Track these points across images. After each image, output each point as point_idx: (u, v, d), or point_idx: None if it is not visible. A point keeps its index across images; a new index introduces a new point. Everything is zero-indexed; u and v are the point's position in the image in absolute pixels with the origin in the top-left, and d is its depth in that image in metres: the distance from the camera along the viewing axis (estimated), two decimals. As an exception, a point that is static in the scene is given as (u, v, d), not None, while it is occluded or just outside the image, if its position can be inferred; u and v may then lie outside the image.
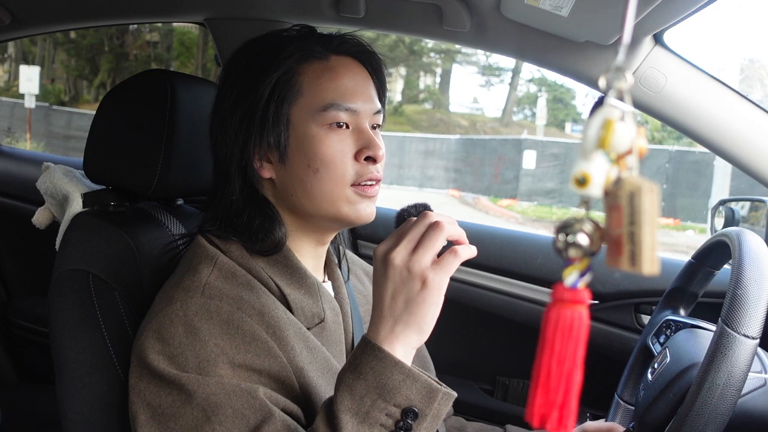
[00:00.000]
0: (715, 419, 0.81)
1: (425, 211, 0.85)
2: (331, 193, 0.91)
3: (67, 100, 18.42)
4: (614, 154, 0.37)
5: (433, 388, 0.77)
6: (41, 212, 1.22)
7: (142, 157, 1.07)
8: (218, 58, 1.64)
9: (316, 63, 0.93)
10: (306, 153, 0.91)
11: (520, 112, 21.84)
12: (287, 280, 0.93)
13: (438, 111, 21.24)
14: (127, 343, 0.96)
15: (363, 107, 0.93)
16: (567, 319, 0.40)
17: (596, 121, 0.37)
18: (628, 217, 0.36)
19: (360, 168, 0.92)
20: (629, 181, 0.37)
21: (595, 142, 0.37)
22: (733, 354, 0.82)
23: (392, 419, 0.76)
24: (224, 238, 0.94)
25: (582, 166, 0.38)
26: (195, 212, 1.24)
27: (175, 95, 1.06)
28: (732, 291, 0.87)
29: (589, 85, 1.26)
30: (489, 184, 14.76)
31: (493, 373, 1.79)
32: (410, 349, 0.79)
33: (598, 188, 0.38)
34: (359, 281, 1.17)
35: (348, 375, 0.78)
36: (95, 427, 0.97)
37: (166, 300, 0.87)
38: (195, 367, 0.80)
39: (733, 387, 0.81)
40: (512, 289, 1.74)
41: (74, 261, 1.02)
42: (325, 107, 0.91)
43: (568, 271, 0.40)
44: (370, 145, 0.92)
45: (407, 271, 0.78)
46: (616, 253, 0.37)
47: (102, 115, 1.11)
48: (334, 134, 0.91)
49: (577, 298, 0.40)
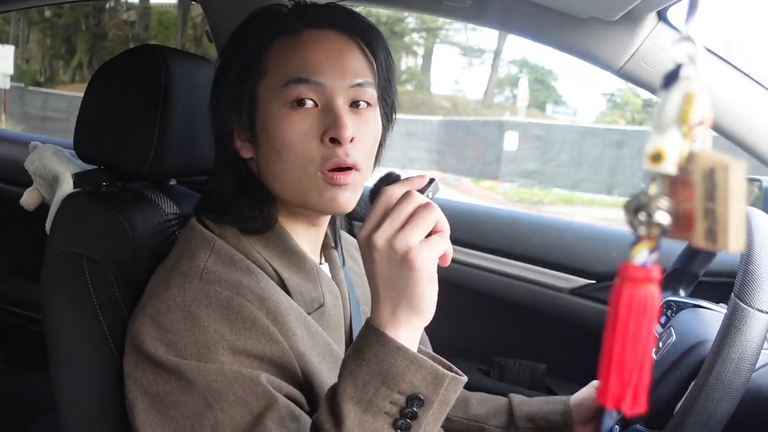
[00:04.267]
0: (730, 393, 0.81)
1: (409, 191, 0.75)
2: (296, 178, 0.86)
3: (42, 81, 18.07)
4: (687, 128, 0.36)
5: (440, 373, 0.74)
6: (30, 193, 1.18)
7: (136, 136, 1.04)
8: (209, 34, 1.60)
9: (287, 38, 0.88)
10: (269, 134, 0.86)
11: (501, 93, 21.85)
12: (285, 264, 0.91)
13: (420, 92, 21.18)
14: (124, 327, 0.93)
15: (332, 81, 0.85)
16: (641, 299, 0.38)
17: (676, 95, 0.36)
18: (705, 193, 0.35)
19: (326, 151, 0.84)
20: (706, 157, 0.35)
21: (675, 117, 0.36)
22: (747, 328, 0.82)
23: (397, 407, 0.73)
24: (219, 222, 0.91)
25: (656, 142, 0.36)
26: (189, 193, 1.21)
27: (169, 71, 1.03)
28: (744, 266, 0.87)
29: (593, 63, 1.24)
30: (471, 165, 14.78)
31: (489, 353, 1.79)
32: (414, 331, 0.76)
33: (672, 164, 0.37)
34: (355, 263, 1.16)
35: (351, 362, 0.75)
36: (91, 412, 0.95)
37: (162, 285, 0.85)
38: (194, 354, 0.78)
39: (748, 361, 0.81)
40: (508, 269, 1.73)
41: (67, 243, 0.98)
42: (286, 82, 0.85)
43: (638, 249, 0.39)
44: (334, 125, 0.83)
45: (393, 252, 0.72)
46: (685, 228, 0.36)
47: (93, 91, 1.07)
48: (297, 113, 0.84)
49: (649, 276, 0.39)
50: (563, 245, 1.74)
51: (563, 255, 1.72)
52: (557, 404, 1.18)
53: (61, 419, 0.97)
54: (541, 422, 1.16)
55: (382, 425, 0.73)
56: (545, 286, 1.72)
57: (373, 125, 0.89)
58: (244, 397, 0.77)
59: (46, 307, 0.97)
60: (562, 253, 1.72)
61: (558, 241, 1.75)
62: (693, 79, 0.36)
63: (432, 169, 14.76)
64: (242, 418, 0.76)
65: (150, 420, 0.79)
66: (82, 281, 0.95)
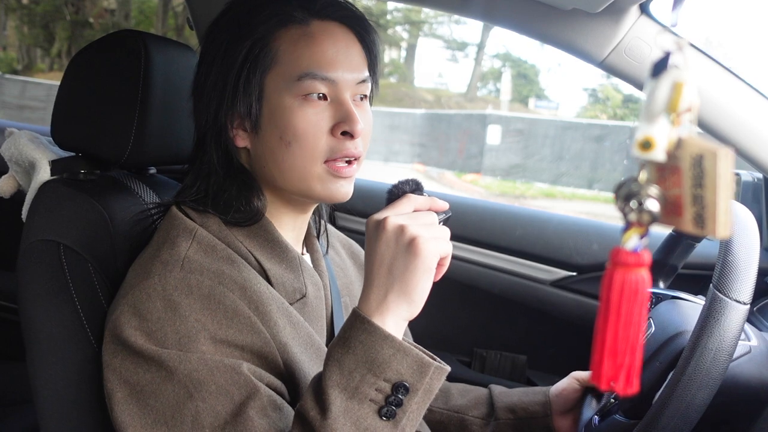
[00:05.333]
0: (708, 383, 0.82)
1: (417, 189, 0.84)
2: (303, 168, 0.87)
3: (20, 69, 17.77)
4: (675, 115, 0.36)
5: (425, 362, 0.75)
6: (5, 180, 1.15)
7: (114, 123, 1.02)
8: (190, 21, 1.58)
9: (294, 28, 0.88)
10: (278, 125, 0.86)
11: (485, 87, 21.89)
12: (267, 254, 0.90)
13: (403, 85, 21.15)
14: (101, 316, 0.92)
15: (343, 77, 0.88)
16: (633, 283, 0.40)
17: (665, 84, 0.36)
18: (693, 180, 0.35)
19: (335, 143, 0.87)
20: (694, 144, 0.36)
21: (664, 105, 0.36)
22: (725, 319, 0.83)
23: (382, 394, 0.74)
24: (201, 211, 0.90)
25: (646, 130, 0.37)
26: (168, 182, 1.20)
27: (149, 57, 1.01)
28: (723, 257, 0.88)
29: (575, 56, 1.24)
30: (454, 158, 14.80)
31: (470, 344, 1.79)
32: (401, 321, 0.77)
33: (662, 151, 0.37)
34: (336, 253, 1.15)
35: (337, 349, 0.76)
36: (69, 402, 0.94)
37: (142, 274, 0.84)
38: (175, 343, 0.77)
39: (725, 352, 0.82)
40: (490, 260, 1.74)
41: (44, 231, 0.97)
42: (300, 76, 0.86)
43: (628, 235, 0.40)
44: (348, 119, 0.87)
45: (402, 235, 0.76)
46: (674, 214, 0.36)
47: (71, 77, 1.05)
48: (309, 106, 0.86)
49: (640, 261, 0.40)
50: (545, 237, 1.75)
51: (545, 247, 1.73)
52: (537, 395, 1.19)
53: (37, 409, 0.95)
54: (521, 413, 1.17)
55: (367, 412, 0.74)
56: (527, 278, 1.73)
57: (370, 117, 0.93)
58: (226, 387, 0.76)
59: (23, 295, 0.96)
60: (544, 246, 1.73)
61: (540, 234, 1.76)
62: (681, 68, 0.37)
63: (415, 162, 14.78)
64: (224, 408, 0.76)
65: (129, 410, 0.78)
66: (59, 269, 0.94)
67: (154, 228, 0.95)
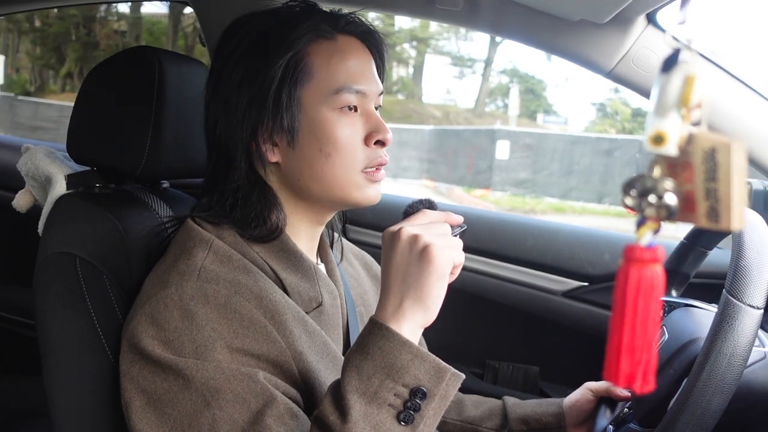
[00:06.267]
0: (722, 389, 0.81)
1: (431, 207, 0.88)
2: (342, 178, 0.90)
3: (32, 90, 17.99)
4: (686, 110, 0.37)
5: (442, 367, 0.76)
6: (22, 195, 1.17)
7: (129, 137, 1.04)
8: (202, 37, 1.60)
9: (324, 43, 0.91)
10: (318, 137, 0.89)
11: (493, 102, 21.94)
12: (283, 264, 0.91)
13: (411, 101, 21.23)
14: (117, 328, 0.93)
15: (369, 89, 0.92)
16: (648, 279, 0.40)
17: (676, 78, 0.37)
18: (706, 174, 0.36)
19: (370, 152, 0.91)
20: (706, 138, 0.36)
21: (676, 100, 0.37)
22: (739, 323, 0.83)
23: (401, 399, 0.75)
24: (216, 224, 0.91)
25: (657, 124, 0.37)
26: (181, 195, 1.21)
27: (163, 72, 1.03)
28: (735, 262, 0.88)
29: (583, 66, 1.25)
30: (462, 174, 14.80)
31: (482, 356, 1.79)
32: (417, 328, 0.78)
33: (674, 146, 0.37)
34: (350, 264, 1.16)
35: (355, 356, 0.77)
36: (86, 414, 0.94)
37: (159, 284, 0.85)
38: (192, 352, 0.78)
39: (740, 357, 0.81)
40: (502, 271, 1.74)
41: (60, 244, 0.98)
42: (337, 90, 0.89)
43: (643, 231, 0.40)
44: (380, 129, 0.92)
45: (416, 243, 0.78)
46: (687, 209, 0.36)
47: (86, 92, 1.07)
48: (346, 118, 0.90)
49: (655, 257, 0.40)
50: (556, 248, 1.75)
51: (556, 258, 1.73)
52: (551, 406, 1.18)
53: (53, 421, 0.96)
54: (534, 424, 1.17)
55: (386, 417, 0.74)
56: (538, 289, 1.72)
57: None
58: (243, 395, 0.77)
59: (39, 308, 0.97)
60: (555, 256, 1.73)
61: (551, 244, 1.76)
62: (692, 62, 0.37)
63: (423, 178, 14.79)
64: (241, 416, 0.76)
65: (147, 419, 0.79)
66: (76, 281, 0.95)
67: (168, 241, 0.96)
